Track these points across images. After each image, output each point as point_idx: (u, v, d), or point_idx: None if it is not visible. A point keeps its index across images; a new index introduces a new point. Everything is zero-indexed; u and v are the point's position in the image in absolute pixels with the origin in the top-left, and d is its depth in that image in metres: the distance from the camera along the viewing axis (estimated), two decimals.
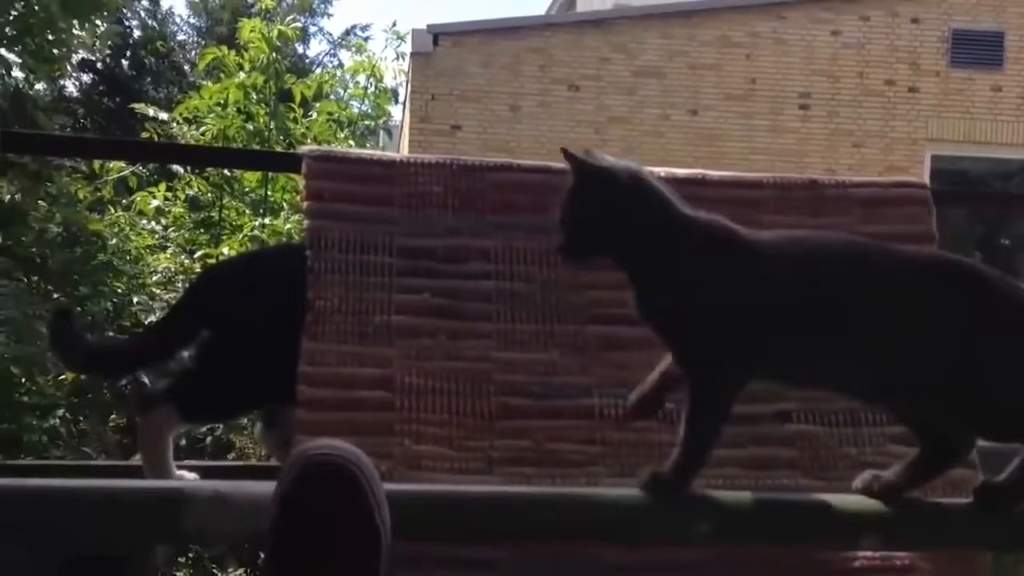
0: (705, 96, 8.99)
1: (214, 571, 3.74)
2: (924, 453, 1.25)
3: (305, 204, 1.52)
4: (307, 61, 16.33)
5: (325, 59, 17.17)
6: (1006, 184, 9.40)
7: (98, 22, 5.81)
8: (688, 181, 1.64)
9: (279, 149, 4.74)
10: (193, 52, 14.58)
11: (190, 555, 4.04)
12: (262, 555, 1.06)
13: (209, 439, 3.83)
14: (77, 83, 15.32)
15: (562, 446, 1.44)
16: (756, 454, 1.44)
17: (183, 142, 4.75)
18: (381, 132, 8.62)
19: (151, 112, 5.09)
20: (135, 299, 4.04)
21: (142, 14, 16.21)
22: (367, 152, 1.79)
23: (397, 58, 5.85)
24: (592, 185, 1.19)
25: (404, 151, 8.83)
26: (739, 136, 8.86)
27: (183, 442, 3.84)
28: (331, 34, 18.98)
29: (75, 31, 5.11)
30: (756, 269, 1.19)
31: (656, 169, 1.64)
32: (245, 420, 4.11)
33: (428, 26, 9.16)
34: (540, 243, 1.54)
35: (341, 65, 8.63)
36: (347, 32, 17.94)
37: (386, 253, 1.50)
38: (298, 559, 1.03)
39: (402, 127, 10.62)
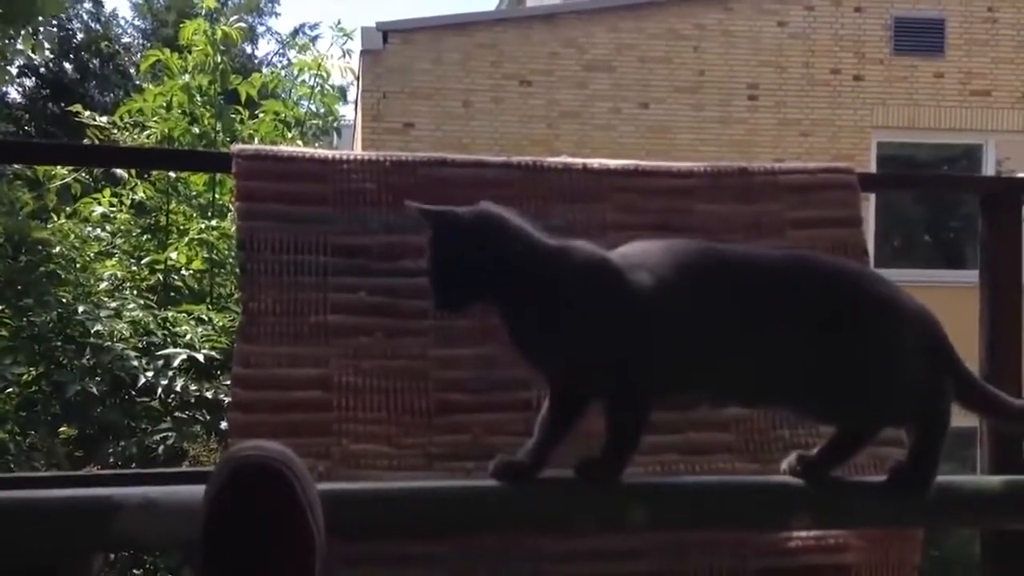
0: (655, 89, 9.06)
1: None
2: (839, 433, 1.29)
3: (236, 204, 1.50)
4: (256, 61, 16.19)
5: (274, 59, 17.03)
6: (952, 168, 9.59)
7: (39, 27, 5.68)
8: (622, 172, 1.65)
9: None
10: (139, 55, 14.37)
11: (147, 565, 4.00)
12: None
13: (162, 448, 3.78)
14: (20, 88, 15.02)
15: (501, 439, 1.44)
16: (693, 439, 1.46)
17: (125, 145, 4.67)
18: (333, 131, 8.55)
19: (87, 115, 4.99)
20: (80, 308, 3.97)
21: (85, 17, 15.93)
22: (299, 150, 1.77)
23: (344, 55, 5.79)
24: (443, 231, 1.21)
25: (358, 150, 8.77)
26: (689, 128, 8.94)
27: (134, 450, 3.80)
28: (280, 33, 18.85)
29: (10, 40, 4.98)
30: (630, 286, 1.21)
31: (590, 161, 1.66)
32: (198, 428, 4.09)
33: (377, 24, 9.10)
34: None
35: (290, 64, 8.54)
36: (295, 31, 17.84)
37: (320, 252, 1.49)
38: (230, 562, 1.03)
39: (355, 126, 10.56)
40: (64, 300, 4.17)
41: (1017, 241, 1.72)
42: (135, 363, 3.78)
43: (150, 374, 3.74)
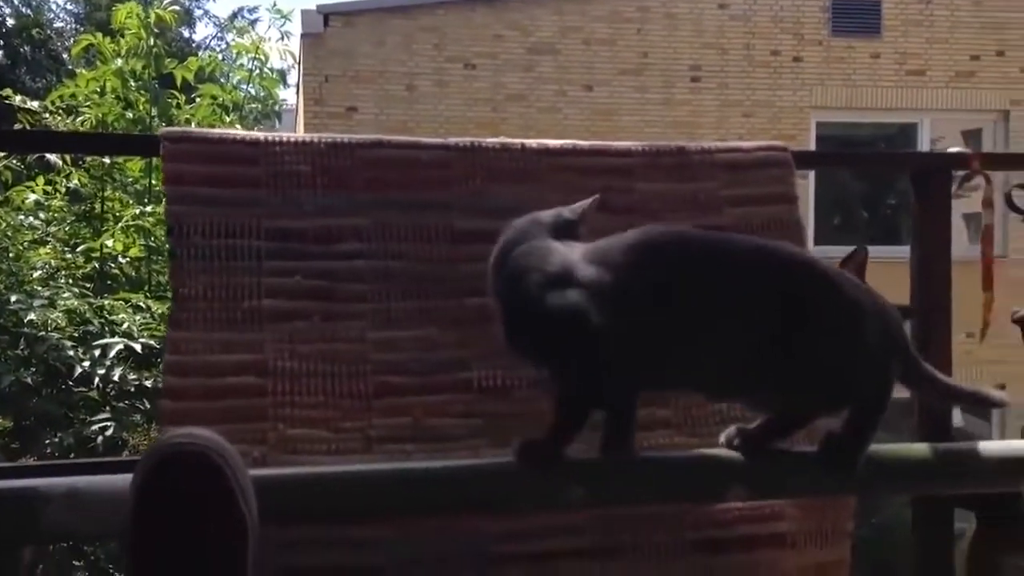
0: (600, 71, 9.09)
1: (111, 571, 3.64)
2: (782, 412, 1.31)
3: (164, 188, 1.47)
4: (194, 45, 15.86)
5: (212, 43, 16.70)
6: (889, 146, 9.80)
7: None
8: (560, 152, 1.65)
9: None
10: (71, 39, 13.95)
11: (89, 555, 3.92)
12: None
13: (100, 438, 3.70)
14: None
15: (442, 421, 1.44)
16: None
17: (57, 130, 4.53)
18: (274, 116, 8.42)
19: (18, 100, 4.84)
20: (13, 297, 3.86)
21: (15, 1, 15.44)
22: (229, 132, 1.74)
23: (282, 38, 5.68)
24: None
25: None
26: (634, 110, 8.99)
27: (71, 441, 3.71)
28: (218, 17, 18.49)
29: None
30: (575, 285, 1.22)
31: (528, 141, 1.65)
32: (138, 417, 4.01)
33: (318, 6, 8.97)
34: (413, 219, 1.53)
35: (228, 48, 8.38)
36: (234, 15, 17.52)
37: (253, 236, 1.46)
38: (159, 550, 1.01)
39: (297, 110, 10.41)
40: None
41: (946, 214, 1.75)
42: (71, 353, 3.69)
43: (87, 364, 3.65)
